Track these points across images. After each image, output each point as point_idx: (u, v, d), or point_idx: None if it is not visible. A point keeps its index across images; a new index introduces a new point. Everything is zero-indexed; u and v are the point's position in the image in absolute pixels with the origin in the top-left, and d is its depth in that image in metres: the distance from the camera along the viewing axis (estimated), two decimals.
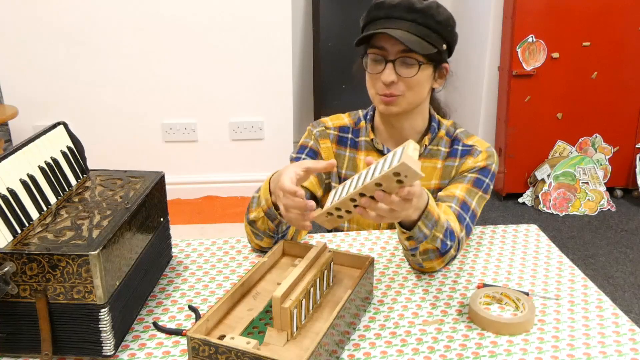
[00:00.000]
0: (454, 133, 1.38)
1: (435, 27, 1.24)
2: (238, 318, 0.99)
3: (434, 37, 1.24)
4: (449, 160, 1.37)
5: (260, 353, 0.83)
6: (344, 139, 1.42)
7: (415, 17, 1.22)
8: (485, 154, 1.34)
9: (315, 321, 0.99)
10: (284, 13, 3.24)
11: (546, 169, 3.40)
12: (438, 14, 1.24)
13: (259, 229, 1.24)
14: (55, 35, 3.15)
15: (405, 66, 1.24)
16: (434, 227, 1.10)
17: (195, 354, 0.87)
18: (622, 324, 1.06)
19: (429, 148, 1.37)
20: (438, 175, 1.37)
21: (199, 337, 0.87)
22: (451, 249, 1.17)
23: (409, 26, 1.22)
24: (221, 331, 0.95)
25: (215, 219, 3.24)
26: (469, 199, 1.28)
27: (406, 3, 1.23)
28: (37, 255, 0.89)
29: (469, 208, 1.27)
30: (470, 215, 1.26)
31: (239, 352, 0.84)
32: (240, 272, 1.24)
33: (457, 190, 1.29)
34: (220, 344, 0.85)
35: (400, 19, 1.23)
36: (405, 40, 1.19)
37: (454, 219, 1.22)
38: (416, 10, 1.22)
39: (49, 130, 1.16)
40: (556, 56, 3.24)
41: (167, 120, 3.39)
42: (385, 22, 1.24)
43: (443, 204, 1.26)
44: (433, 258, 1.17)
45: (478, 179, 1.31)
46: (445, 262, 1.20)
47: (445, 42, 1.27)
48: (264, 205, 1.20)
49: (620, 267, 2.76)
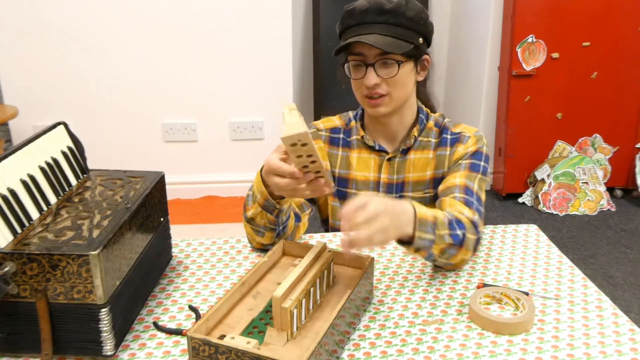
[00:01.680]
0: (442, 123, 1.41)
1: (408, 24, 1.25)
2: (238, 318, 0.99)
3: (409, 33, 1.26)
4: (440, 149, 1.39)
5: (260, 353, 0.83)
6: (336, 139, 1.45)
7: (386, 19, 1.24)
8: (474, 139, 1.36)
9: (315, 321, 0.99)
10: (284, 13, 3.24)
11: (546, 169, 3.40)
12: (408, 10, 1.25)
13: (259, 225, 1.25)
14: (55, 35, 3.15)
15: (385, 67, 1.26)
16: (434, 229, 1.10)
17: (196, 354, 0.87)
18: (622, 324, 1.06)
19: (419, 140, 1.39)
20: (432, 165, 1.39)
21: (199, 337, 0.87)
22: (465, 236, 1.16)
23: (382, 28, 1.24)
24: (221, 331, 0.95)
25: (215, 219, 3.24)
26: (470, 183, 1.29)
27: (375, 6, 1.24)
28: (38, 255, 0.89)
29: (472, 192, 1.28)
30: (476, 198, 1.28)
31: (239, 351, 0.84)
32: (240, 272, 1.24)
33: (456, 179, 1.31)
34: (221, 343, 0.85)
35: (372, 22, 1.25)
36: (380, 44, 1.22)
37: (461, 207, 1.23)
38: (386, 11, 1.24)
39: (49, 130, 1.15)
40: (556, 56, 3.24)
41: (167, 120, 3.39)
42: (358, 28, 1.26)
43: (446, 197, 1.27)
44: (454, 252, 1.16)
45: (473, 164, 1.33)
46: (471, 249, 1.19)
47: (421, 35, 1.29)
48: (259, 199, 1.21)
49: (620, 267, 2.76)
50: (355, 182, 1.43)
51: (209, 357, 0.86)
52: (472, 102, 3.62)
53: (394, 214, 1.00)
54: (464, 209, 1.23)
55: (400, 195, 1.41)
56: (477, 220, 1.22)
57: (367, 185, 1.42)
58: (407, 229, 1.05)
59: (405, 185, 1.40)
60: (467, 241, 1.17)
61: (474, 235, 1.18)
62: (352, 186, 1.44)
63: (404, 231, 1.04)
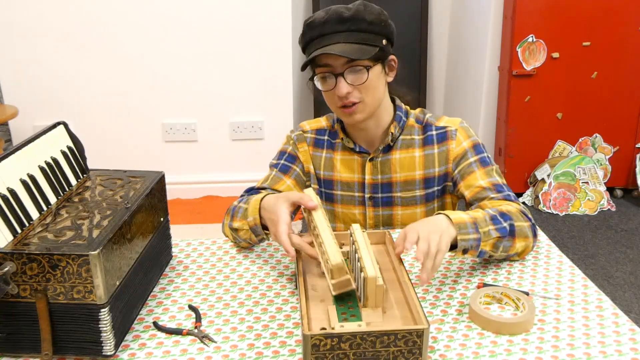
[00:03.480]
0: (424, 119, 1.40)
1: (369, 29, 1.25)
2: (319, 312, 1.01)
3: (372, 37, 1.25)
4: (427, 148, 1.38)
5: (386, 328, 0.88)
6: (321, 141, 1.45)
7: (347, 26, 1.24)
8: (463, 131, 1.37)
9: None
10: (284, 13, 3.24)
11: (546, 169, 3.40)
12: (368, 15, 1.25)
13: (241, 237, 1.30)
14: (55, 35, 3.15)
15: (354, 74, 1.25)
16: (476, 228, 1.15)
17: (316, 350, 0.88)
18: (622, 324, 1.06)
19: (401, 139, 1.39)
20: (421, 164, 1.39)
21: (320, 333, 0.87)
22: (513, 226, 1.20)
23: (344, 37, 1.24)
24: (318, 325, 0.97)
25: (215, 219, 3.23)
26: (494, 180, 1.33)
27: (334, 16, 1.24)
28: (37, 255, 0.89)
29: (501, 186, 1.32)
30: (508, 189, 1.32)
31: (364, 333, 0.87)
32: (240, 272, 1.24)
33: (479, 181, 1.33)
34: (344, 332, 0.87)
35: (334, 32, 1.24)
36: (347, 53, 1.22)
37: (499, 205, 1.27)
38: (346, 19, 1.23)
39: (49, 130, 1.16)
40: (556, 56, 3.24)
41: (167, 120, 3.39)
42: (321, 40, 1.25)
43: (485, 201, 1.30)
44: (510, 244, 1.21)
45: (481, 159, 1.35)
46: (529, 236, 1.24)
47: (384, 37, 1.28)
48: (250, 221, 1.25)
49: (620, 267, 2.76)
50: (340, 184, 1.43)
51: (330, 350, 0.88)
52: (472, 102, 3.62)
53: (429, 224, 1.11)
54: (511, 204, 1.27)
55: (389, 195, 1.41)
56: (523, 207, 1.27)
57: (352, 187, 1.42)
58: (451, 232, 1.12)
59: (393, 185, 1.40)
60: (520, 229, 1.21)
61: (526, 222, 1.23)
62: (337, 187, 1.44)
63: (450, 234, 1.11)
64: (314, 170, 1.45)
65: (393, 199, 1.41)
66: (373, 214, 1.43)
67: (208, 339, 1.02)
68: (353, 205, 1.43)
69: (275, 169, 1.43)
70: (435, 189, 1.40)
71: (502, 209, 1.23)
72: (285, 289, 1.18)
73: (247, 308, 1.11)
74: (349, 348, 0.88)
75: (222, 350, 0.99)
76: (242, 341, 1.01)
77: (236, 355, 0.98)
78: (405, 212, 1.42)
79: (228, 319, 1.08)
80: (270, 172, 1.44)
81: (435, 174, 1.38)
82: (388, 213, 1.43)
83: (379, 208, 1.42)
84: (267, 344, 1.00)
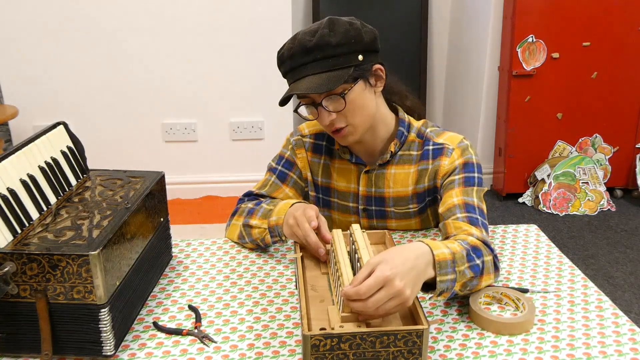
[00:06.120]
0: (425, 133, 1.33)
1: (337, 52, 1.17)
2: (319, 312, 1.01)
3: (341, 60, 1.17)
4: (422, 163, 1.32)
5: (387, 328, 0.89)
6: (319, 147, 1.41)
7: (313, 56, 1.17)
8: (459, 150, 1.28)
9: None
10: (284, 13, 3.24)
11: (546, 169, 3.40)
12: (333, 37, 1.16)
13: (253, 236, 1.29)
14: (55, 35, 3.15)
15: (332, 102, 1.20)
16: (454, 267, 1.03)
17: (316, 350, 0.88)
18: (622, 324, 1.06)
19: (399, 155, 1.33)
20: (413, 180, 1.34)
21: (319, 333, 0.87)
22: (483, 263, 1.10)
23: (312, 68, 1.17)
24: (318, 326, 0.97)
25: (215, 219, 3.23)
26: (468, 199, 1.23)
27: (299, 47, 1.17)
28: (37, 255, 0.89)
29: (473, 207, 1.22)
30: (479, 213, 1.21)
31: (364, 333, 0.87)
32: (240, 272, 1.24)
33: (453, 198, 1.23)
34: (343, 332, 0.88)
35: (302, 65, 1.18)
36: (314, 89, 1.16)
37: (467, 227, 1.17)
38: (310, 50, 1.16)
39: (49, 130, 1.16)
40: (556, 56, 3.24)
41: (167, 120, 3.39)
42: (293, 74, 1.20)
43: (449, 220, 1.21)
44: (477, 283, 1.09)
45: (466, 178, 1.26)
46: (492, 271, 1.13)
47: (358, 52, 1.19)
48: (273, 220, 1.24)
49: (620, 267, 2.76)
50: (337, 192, 1.41)
51: (330, 350, 0.88)
52: (472, 102, 3.62)
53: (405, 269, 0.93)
54: (471, 228, 1.17)
55: (381, 209, 1.38)
56: (485, 236, 1.17)
57: (347, 197, 1.39)
58: (428, 274, 0.99)
59: (386, 200, 1.36)
60: (487, 266, 1.11)
61: (489, 256, 1.12)
62: (333, 195, 1.42)
63: (425, 278, 0.98)
64: (312, 177, 1.42)
65: (387, 213, 1.38)
66: (368, 224, 1.40)
67: (208, 339, 1.02)
68: (349, 213, 1.41)
69: (274, 174, 1.41)
70: (427, 199, 1.36)
71: (470, 241, 1.11)
72: (285, 289, 1.18)
73: (247, 308, 1.11)
74: (349, 348, 0.88)
75: (222, 351, 0.99)
76: (242, 341, 1.01)
77: (236, 355, 0.98)
78: (400, 224, 1.39)
79: (228, 319, 1.08)
80: (268, 177, 1.41)
81: (424, 189, 1.33)
82: (382, 225, 1.39)
83: (373, 220, 1.40)
84: (267, 344, 1.00)
